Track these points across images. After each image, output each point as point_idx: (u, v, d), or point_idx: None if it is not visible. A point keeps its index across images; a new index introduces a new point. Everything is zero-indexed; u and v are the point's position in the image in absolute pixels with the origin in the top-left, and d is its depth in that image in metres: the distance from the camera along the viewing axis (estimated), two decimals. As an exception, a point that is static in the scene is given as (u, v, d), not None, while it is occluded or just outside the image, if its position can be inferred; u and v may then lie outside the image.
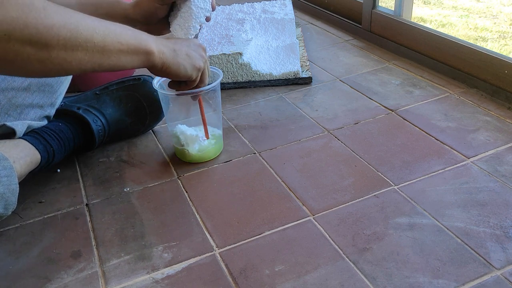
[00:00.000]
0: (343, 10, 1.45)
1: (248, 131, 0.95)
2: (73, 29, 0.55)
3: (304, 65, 1.17)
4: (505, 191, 0.74)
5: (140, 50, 0.65)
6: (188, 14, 0.77)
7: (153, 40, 0.67)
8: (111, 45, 0.60)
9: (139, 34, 0.65)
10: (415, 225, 0.69)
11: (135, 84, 0.91)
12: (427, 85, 1.07)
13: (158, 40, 0.69)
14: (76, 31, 0.55)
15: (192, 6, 0.76)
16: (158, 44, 0.68)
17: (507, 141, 0.85)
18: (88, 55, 0.58)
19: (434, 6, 2.41)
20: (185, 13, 0.77)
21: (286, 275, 0.62)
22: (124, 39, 0.62)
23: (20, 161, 0.73)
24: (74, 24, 0.56)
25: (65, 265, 0.66)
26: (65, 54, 0.55)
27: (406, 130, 0.91)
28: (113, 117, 0.89)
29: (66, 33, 0.54)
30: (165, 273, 0.64)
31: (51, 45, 0.54)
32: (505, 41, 1.96)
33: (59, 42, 0.54)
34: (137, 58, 0.65)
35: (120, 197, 0.79)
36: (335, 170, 0.81)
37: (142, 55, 0.65)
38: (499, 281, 0.59)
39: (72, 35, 0.55)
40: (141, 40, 0.65)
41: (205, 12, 0.78)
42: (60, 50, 0.55)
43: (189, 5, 0.76)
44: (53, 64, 0.55)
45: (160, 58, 0.68)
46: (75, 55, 0.56)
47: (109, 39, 0.60)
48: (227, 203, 0.76)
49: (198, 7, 0.77)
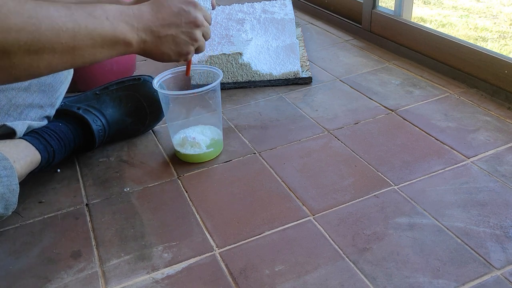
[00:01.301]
0: (343, 10, 1.45)
1: (248, 131, 0.95)
2: (34, 31, 0.49)
3: (304, 65, 1.17)
4: (505, 191, 0.74)
5: (117, 42, 0.60)
6: None
7: (134, 26, 0.62)
8: (82, 43, 0.55)
9: (117, 23, 0.59)
10: (415, 225, 0.69)
11: (135, 84, 0.91)
12: (427, 85, 1.07)
13: (141, 23, 0.62)
14: (38, 33, 0.50)
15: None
16: (140, 31, 0.62)
17: (507, 141, 0.85)
18: (57, 56, 0.53)
19: (434, 6, 2.41)
20: None
21: (286, 275, 0.62)
22: (97, 33, 0.57)
23: (21, 161, 0.73)
24: (36, 24, 0.49)
25: (65, 265, 0.66)
26: (29, 59, 0.50)
27: (406, 130, 0.91)
28: (113, 117, 0.89)
29: (27, 36, 0.48)
30: (165, 273, 0.64)
31: (11, 51, 0.48)
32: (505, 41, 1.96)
33: (20, 47, 0.49)
34: (115, 51, 0.61)
35: (120, 197, 0.79)
36: (335, 170, 0.81)
37: (120, 47, 0.61)
38: (499, 281, 0.59)
39: (35, 37, 0.49)
40: (118, 31, 0.59)
41: (208, 1, 0.78)
42: (23, 56, 0.49)
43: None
44: (19, 70, 0.51)
45: (140, 48, 0.64)
46: (41, 58, 0.51)
47: (80, 37, 0.54)
48: (227, 203, 0.76)
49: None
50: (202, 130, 0.88)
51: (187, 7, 0.67)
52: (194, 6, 0.68)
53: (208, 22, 0.70)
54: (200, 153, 0.85)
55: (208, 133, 0.88)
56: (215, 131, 0.89)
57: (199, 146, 0.85)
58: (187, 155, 0.86)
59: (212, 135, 0.88)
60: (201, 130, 0.88)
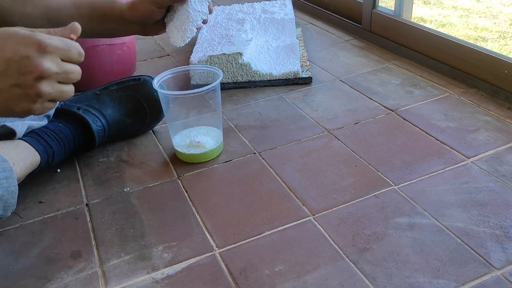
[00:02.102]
0: (343, 10, 1.45)
1: (248, 131, 0.95)
2: None
3: (304, 65, 1.17)
4: (505, 191, 0.74)
5: None
6: (185, 17, 0.76)
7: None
8: None
9: None
10: (415, 225, 0.69)
11: (135, 84, 0.91)
12: (427, 85, 1.07)
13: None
14: None
15: (189, 9, 0.75)
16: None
17: (507, 141, 0.85)
18: None
19: (434, 6, 2.41)
20: (182, 16, 0.76)
21: (286, 275, 0.62)
22: None
23: (20, 163, 0.73)
24: None
25: (65, 265, 0.66)
26: None
27: (406, 130, 0.91)
28: (113, 117, 0.89)
29: None
30: (165, 273, 0.64)
31: None
32: (505, 41, 1.96)
33: None
34: None
35: (120, 197, 0.79)
36: (335, 170, 0.81)
37: None
38: (499, 281, 0.59)
39: None
40: None
41: (202, 15, 0.77)
42: None
43: (187, 8, 0.75)
44: None
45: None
46: None
47: None
48: (227, 203, 0.76)
49: (196, 10, 0.76)
50: (207, 132, 0.88)
51: (27, 51, 0.48)
52: (40, 49, 0.48)
53: (74, 59, 0.52)
54: (200, 153, 0.85)
55: (213, 134, 0.88)
56: (215, 131, 0.89)
57: (204, 147, 0.85)
58: (187, 155, 0.86)
59: (217, 136, 0.88)
60: (206, 132, 0.88)
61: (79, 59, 0.53)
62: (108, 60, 1.13)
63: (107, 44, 1.11)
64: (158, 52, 1.37)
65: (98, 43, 1.10)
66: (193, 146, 0.85)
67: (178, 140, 0.87)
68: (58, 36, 0.51)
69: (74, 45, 0.52)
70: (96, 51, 1.10)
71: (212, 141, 0.87)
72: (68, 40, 0.51)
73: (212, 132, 0.89)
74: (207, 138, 0.87)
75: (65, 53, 0.51)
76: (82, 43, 1.10)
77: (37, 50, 0.48)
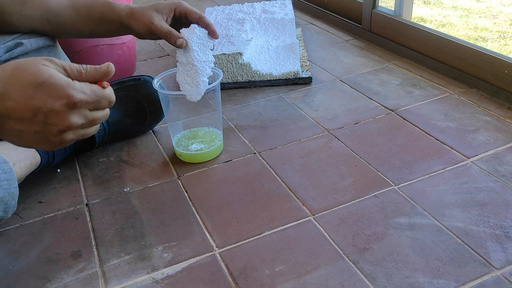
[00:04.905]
0: (343, 10, 1.45)
1: (248, 131, 0.95)
2: None
3: (304, 65, 1.17)
4: (505, 191, 0.74)
5: None
6: (194, 71, 0.78)
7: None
8: None
9: None
10: (415, 225, 0.69)
11: (135, 84, 0.91)
12: (427, 85, 1.07)
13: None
14: None
15: (194, 63, 0.78)
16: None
17: (507, 141, 0.85)
18: None
19: (434, 6, 2.41)
20: (190, 71, 0.79)
21: (286, 275, 0.62)
22: None
23: (20, 163, 0.73)
24: None
25: (65, 265, 0.66)
26: None
27: (406, 130, 0.91)
28: (113, 117, 0.89)
29: None
30: (165, 273, 0.64)
31: None
32: (505, 41, 1.96)
33: None
34: None
35: (120, 197, 0.79)
36: (335, 170, 0.81)
37: None
38: (499, 281, 0.59)
39: None
40: None
41: (209, 64, 0.80)
42: None
43: (192, 62, 0.78)
44: None
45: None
46: None
47: None
48: (227, 203, 0.76)
49: (201, 62, 0.78)
50: (206, 134, 0.88)
51: (57, 105, 0.46)
52: (69, 105, 0.46)
53: (103, 108, 0.51)
54: (200, 153, 0.85)
55: (212, 137, 0.88)
56: (215, 131, 0.89)
57: (203, 148, 0.85)
58: (187, 155, 0.86)
59: (216, 138, 0.88)
60: (204, 134, 0.88)
61: (108, 106, 0.52)
62: (108, 60, 1.13)
63: (107, 44, 1.11)
64: (158, 52, 1.37)
65: (98, 43, 1.10)
66: (193, 150, 0.86)
67: (180, 143, 0.87)
68: (90, 86, 0.49)
69: (105, 96, 0.50)
70: (96, 51, 1.10)
71: (211, 142, 0.87)
72: (100, 90, 0.50)
73: (212, 132, 0.89)
74: (205, 145, 0.87)
75: (94, 105, 0.50)
76: (82, 43, 1.10)
77: (66, 105, 0.46)
